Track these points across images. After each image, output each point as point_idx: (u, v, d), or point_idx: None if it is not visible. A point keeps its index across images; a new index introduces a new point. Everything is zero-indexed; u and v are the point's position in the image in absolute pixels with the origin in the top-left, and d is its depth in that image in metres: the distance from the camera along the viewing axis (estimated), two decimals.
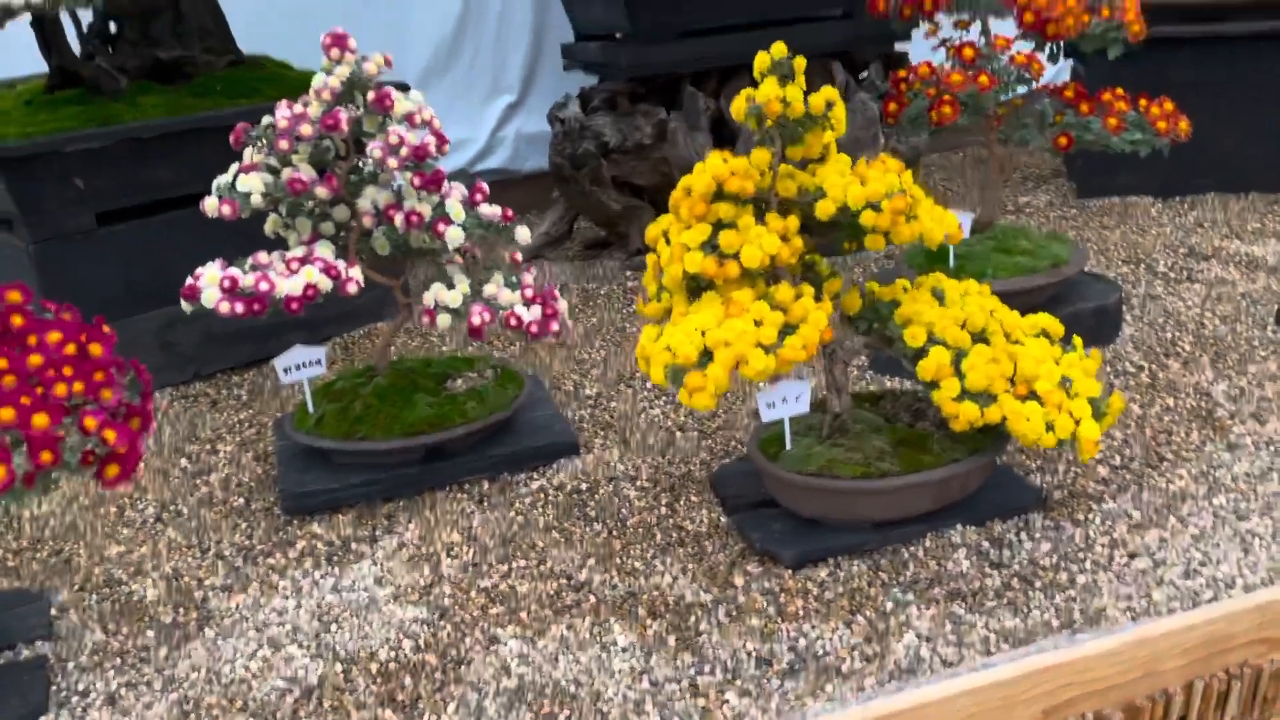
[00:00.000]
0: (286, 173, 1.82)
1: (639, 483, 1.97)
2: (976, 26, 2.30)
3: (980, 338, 1.70)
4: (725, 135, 3.03)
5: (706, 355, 1.51)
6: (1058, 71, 4.05)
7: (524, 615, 1.61)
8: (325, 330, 2.71)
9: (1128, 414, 2.08)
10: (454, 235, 1.86)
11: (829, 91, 1.63)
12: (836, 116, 1.63)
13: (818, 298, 1.68)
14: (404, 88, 2.72)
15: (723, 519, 1.83)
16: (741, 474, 1.91)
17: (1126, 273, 2.81)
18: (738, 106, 1.60)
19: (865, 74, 3.22)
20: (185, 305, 1.78)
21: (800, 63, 1.63)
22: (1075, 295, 2.38)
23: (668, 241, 1.64)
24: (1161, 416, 2.06)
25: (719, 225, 1.62)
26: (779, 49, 1.62)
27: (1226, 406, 2.07)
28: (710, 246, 1.59)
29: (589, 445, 2.11)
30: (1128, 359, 2.29)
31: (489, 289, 1.89)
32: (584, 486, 1.96)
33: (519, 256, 2.02)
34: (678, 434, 2.13)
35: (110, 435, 1.27)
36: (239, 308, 1.72)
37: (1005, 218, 3.39)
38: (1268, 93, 3.22)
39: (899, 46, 3.26)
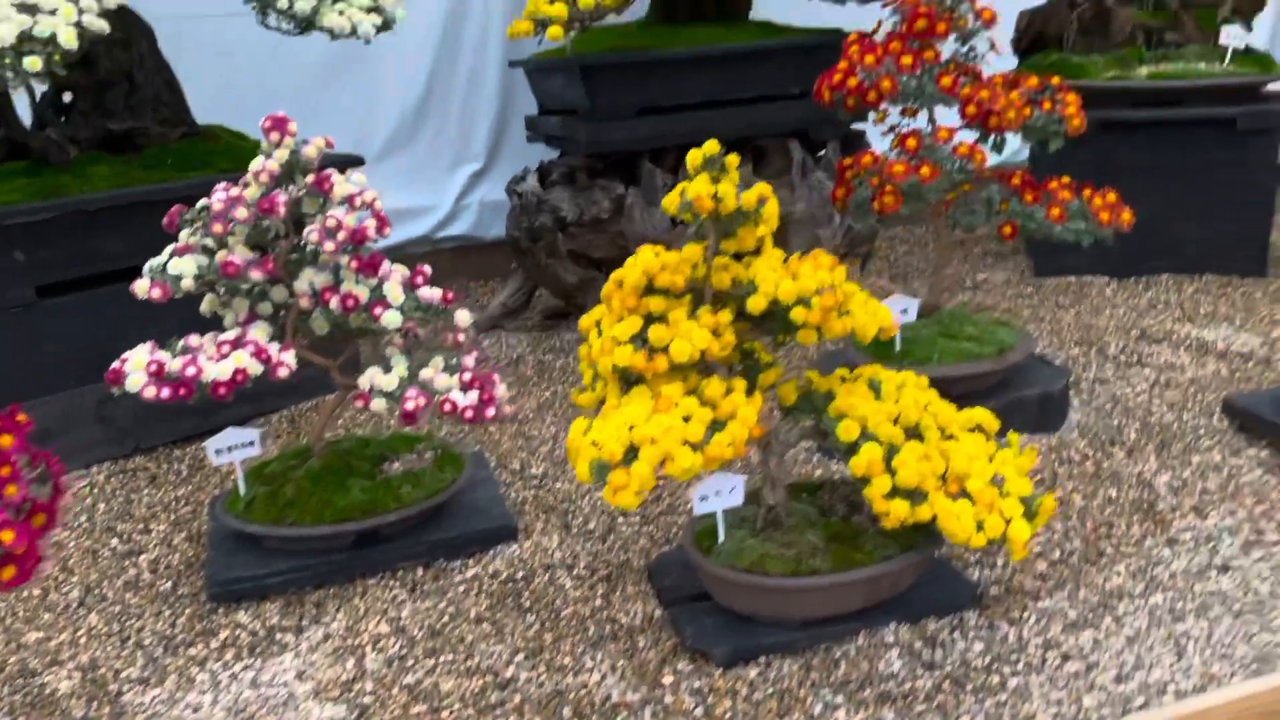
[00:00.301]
0: (221, 254, 1.81)
1: (576, 571, 1.94)
2: (925, 114, 2.32)
3: (914, 433, 1.69)
4: None
5: (633, 452, 1.50)
6: (1017, 150, 4.11)
7: (446, 715, 1.57)
8: (272, 403, 2.69)
9: (1069, 505, 2.07)
10: (391, 319, 1.85)
11: (762, 188, 1.63)
12: (769, 212, 1.63)
13: (751, 390, 1.68)
14: (357, 161, 2.74)
15: (658, 611, 1.80)
16: (679, 564, 1.88)
17: (1078, 355, 2.82)
18: (669, 201, 1.60)
19: (823, 152, 3.25)
20: (113, 389, 1.75)
21: (733, 160, 1.63)
22: (1021, 381, 2.38)
23: (600, 332, 1.64)
24: (1104, 508, 2.05)
25: (650, 319, 1.61)
26: (711, 145, 1.63)
27: (1168, 499, 2.06)
28: (640, 340, 1.58)
29: (529, 530, 2.08)
30: (1073, 446, 2.29)
31: (426, 373, 1.87)
32: (520, 575, 1.93)
33: (461, 338, 2.01)
34: (619, 519, 2.10)
35: (7, 536, 1.23)
36: (165, 393, 1.70)
37: (963, 294, 3.41)
38: (1218, 177, 3.27)
39: (857, 125, 3.30)
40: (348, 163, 2.65)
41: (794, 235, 3.07)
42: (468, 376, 1.90)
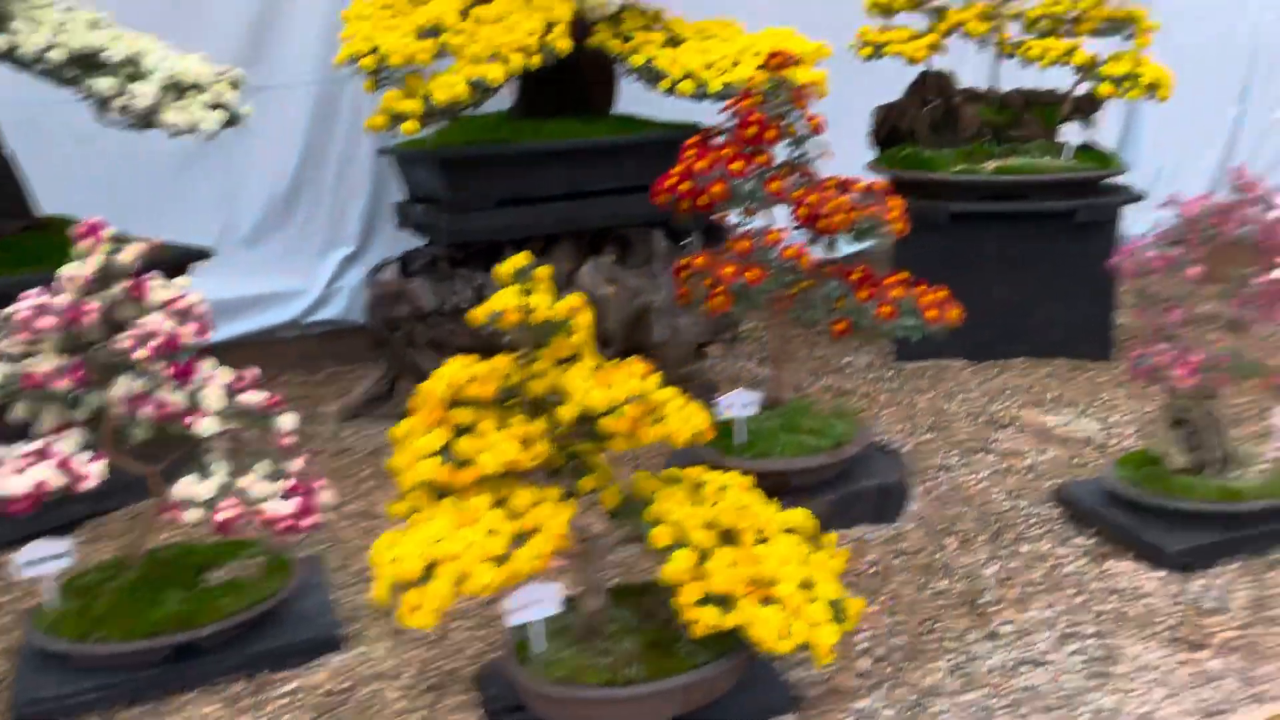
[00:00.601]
0: (29, 362, 1.77)
1: (402, 680, 1.90)
2: (767, 213, 2.39)
3: (729, 537, 1.71)
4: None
5: (431, 569, 1.48)
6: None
7: None
8: (113, 500, 2.60)
9: (899, 600, 2.10)
10: (207, 426, 1.81)
11: (573, 299, 1.66)
12: (580, 322, 1.66)
13: (570, 496, 1.68)
14: (201, 255, 2.70)
15: None
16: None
17: (928, 440, 2.89)
18: (477, 314, 1.62)
19: (689, 240, 3.32)
20: None
21: (544, 271, 1.66)
22: (861, 472, 2.43)
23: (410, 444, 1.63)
24: (933, 601, 2.10)
25: (462, 429, 1.61)
26: (521, 257, 1.65)
27: (994, 591, 2.12)
28: (448, 452, 1.58)
29: (361, 636, 2.04)
30: (909, 538, 2.34)
31: (244, 481, 1.83)
32: (343, 686, 1.89)
33: (288, 442, 1.98)
34: (454, 623, 2.07)
35: None
36: None
37: (827, 378, 3.49)
38: (1064, 266, 3.42)
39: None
40: (192, 256, 2.62)
41: (656, 323, 3.11)
42: (290, 483, 1.86)
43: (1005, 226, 3.40)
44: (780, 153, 2.39)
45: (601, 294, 3.03)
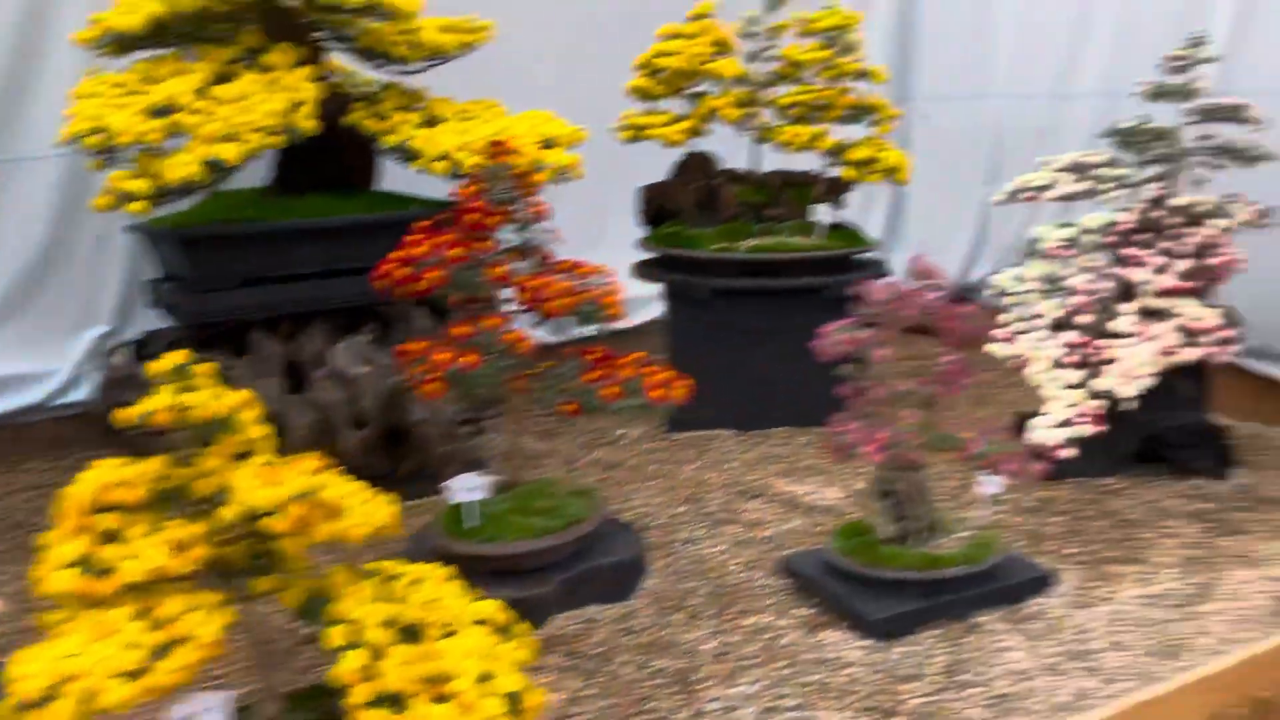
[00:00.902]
0: None
1: None
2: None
3: (411, 633, 1.69)
4: (302, 378, 3.01)
5: (59, 686, 1.41)
6: None
7: None
8: None
9: (618, 680, 2.12)
10: None
11: (240, 395, 1.63)
12: (245, 418, 1.62)
13: (245, 599, 1.63)
14: None
15: None
16: None
17: (681, 513, 2.94)
18: (126, 416, 1.56)
19: (451, 315, 3.31)
20: None
21: (204, 368, 1.62)
22: (597, 550, 2.45)
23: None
24: (650, 680, 2.12)
25: (110, 535, 1.54)
26: (179, 355, 1.61)
27: (709, 667, 2.15)
28: (88, 561, 1.51)
29: None
30: (639, 615, 2.36)
31: None
32: None
33: None
34: None
35: None
36: None
37: (599, 450, 3.52)
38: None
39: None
40: None
41: (414, 403, 3.08)
42: None
43: (763, 302, 3.53)
44: (514, 237, 2.44)
45: (355, 373, 2.99)
